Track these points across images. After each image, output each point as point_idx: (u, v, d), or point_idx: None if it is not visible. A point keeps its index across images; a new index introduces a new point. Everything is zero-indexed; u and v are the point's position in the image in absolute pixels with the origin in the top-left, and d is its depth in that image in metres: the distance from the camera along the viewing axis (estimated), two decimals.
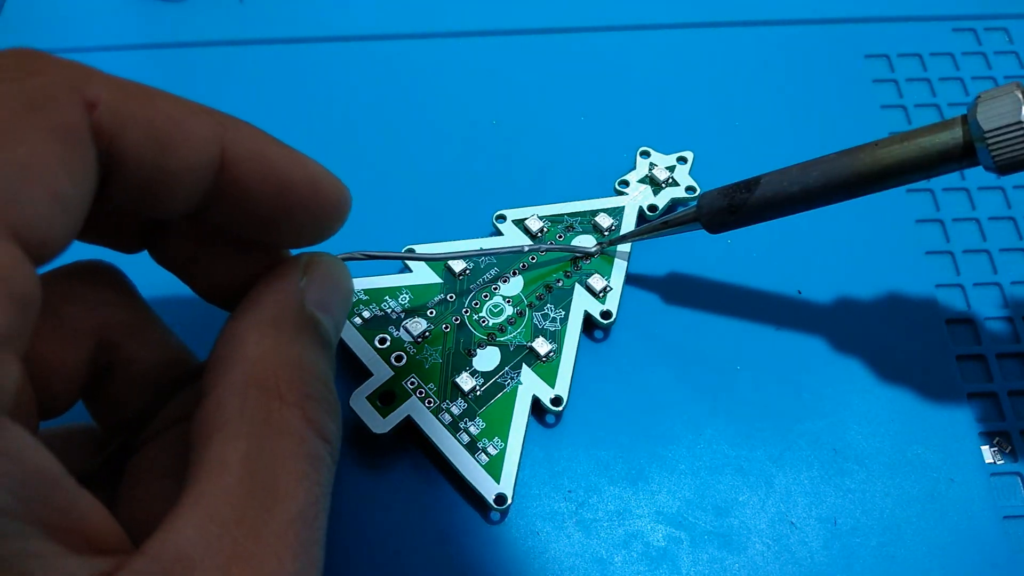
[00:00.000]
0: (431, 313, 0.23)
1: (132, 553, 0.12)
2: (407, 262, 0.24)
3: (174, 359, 0.16)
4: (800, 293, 0.25)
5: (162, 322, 0.17)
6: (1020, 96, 0.18)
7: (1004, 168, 0.18)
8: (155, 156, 0.13)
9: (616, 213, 0.25)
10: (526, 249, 0.24)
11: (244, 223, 0.15)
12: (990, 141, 0.18)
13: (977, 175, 0.27)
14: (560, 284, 0.24)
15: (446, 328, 0.23)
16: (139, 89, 0.13)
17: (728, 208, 0.21)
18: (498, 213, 0.25)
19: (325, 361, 0.15)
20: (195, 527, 0.12)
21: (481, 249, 0.23)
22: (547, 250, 0.24)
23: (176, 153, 0.13)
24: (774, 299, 0.25)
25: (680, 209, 0.23)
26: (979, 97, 0.18)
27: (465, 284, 0.24)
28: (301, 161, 0.15)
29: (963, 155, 0.18)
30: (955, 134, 0.18)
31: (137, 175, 0.13)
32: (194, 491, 0.12)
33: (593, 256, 0.24)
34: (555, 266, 0.24)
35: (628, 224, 0.25)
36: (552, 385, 0.22)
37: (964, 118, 0.19)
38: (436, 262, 0.24)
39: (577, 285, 0.24)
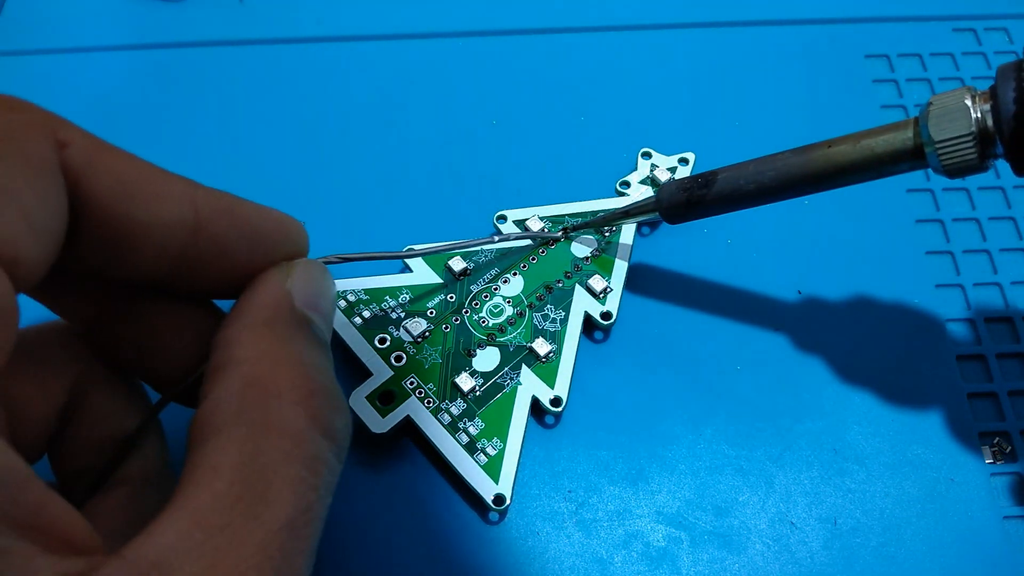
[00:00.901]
0: (431, 313, 0.23)
1: (108, 556, 0.11)
2: (407, 262, 0.24)
3: (138, 413, 0.16)
4: (800, 293, 0.25)
5: (136, 383, 0.17)
6: (970, 104, 0.17)
7: (952, 174, 0.18)
8: (125, 207, 0.13)
9: None
10: (496, 240, 0.24)
11: (217, 282, 0.15)
12: (940, 149, 0.18)
13: (977, 174, 0.27)
14: (560, 285, 0.24)
15: (446, 328, 0.23)
16: (113, 146, 0.14)
17: (686, 202, 0.22)
18: (499, 213, 0.25)
19: (325, 358, 0.15)
20: (177, 533, 0.12)
21: (448, 244, 0.23)
22: (515, 238, 0.24)
23: (147, 207, 0.13)
24: (774, 299, 0.25)
25: (639, 200, 0.23)
26: (931, 103, 0.18)
27: (466, 284, 0.24)
28: (267, 212, 0.16)
29: (913, 157, 0.19)
30: (906, 137, 0.18)
31: (106, 225, 0.13)
32: (182, 496, 0.12)
33: (559, 240, 0.25)
34: (556, 267, 0.24)
35: (628, 225, 0.25)
36: (552, 386, 0.22)
37: (916, 120, 0.18)
38: (432, 261, 0.24)
39: (577, 286, 0.24)
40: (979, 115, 0.17)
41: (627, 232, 0.25)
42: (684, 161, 0.27)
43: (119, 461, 0.15)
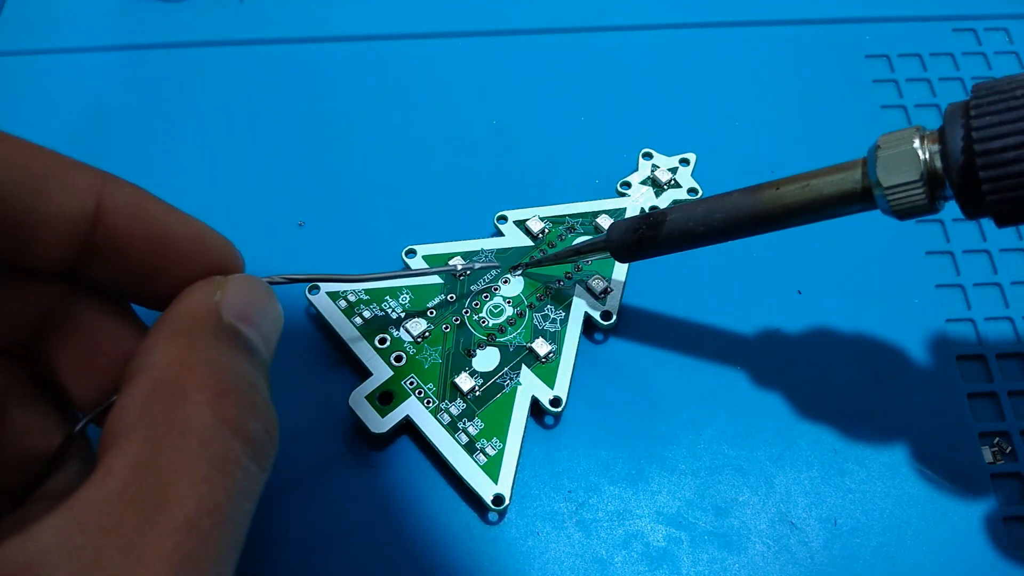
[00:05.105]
0: (431, 313, 0.23)
1: None
2: (408, 263, 0.24)
3: (64, 431, 0.16)
4: (800, 293, 0.25)
5: (64, 400, 0.16)
6: (918, 147, 0.17)
7: (902, 215, 0.18)
8: (29, 198, 0.13)
9: (618, 214, 0.25)
10: (440, 270, 0.23)
11: (120, 279, 0.15)
12: (888, 193, 0.17)
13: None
14: (560, 285, 0.24)
15: (446, 328, 0.23)
16: (21, 140, 0.13)
17: (636, 243, 0.21)
18: (500, 214, 0.25)
19: (251, 366, 0.14)
20: (56, 534, 0.11)
21: (392, 272, 0.22)
22: (460, 273, 0.23)
23: (51, 199, 0.13)
24: (774, 299, 0.25)
25: (590, 239, 0.23)
26: (879, 145, 0.17)
27: (466, 285, 0.24)
28: (183, 218, 0.15)
29: (862, 200, 0.18)
30: (855, 180, 0.18)
31: (9, 216, 0.13)
32: (71, 499, 0.12)
33: (507, 274, 0.24)
34: (556, 267, 0.24)
35: None
36: (551, 386, 0.22)
37: (864, 161, 0.18)
38: (432, 261, 0.24)
39: (578, 287, 0.24)
40: (927, 157, 0.17)
41: None
42: (685, 161, 0.27)
43: (43, 478, 0.15)
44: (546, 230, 0.25)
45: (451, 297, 0.24)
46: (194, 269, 0.15)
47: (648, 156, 0.27)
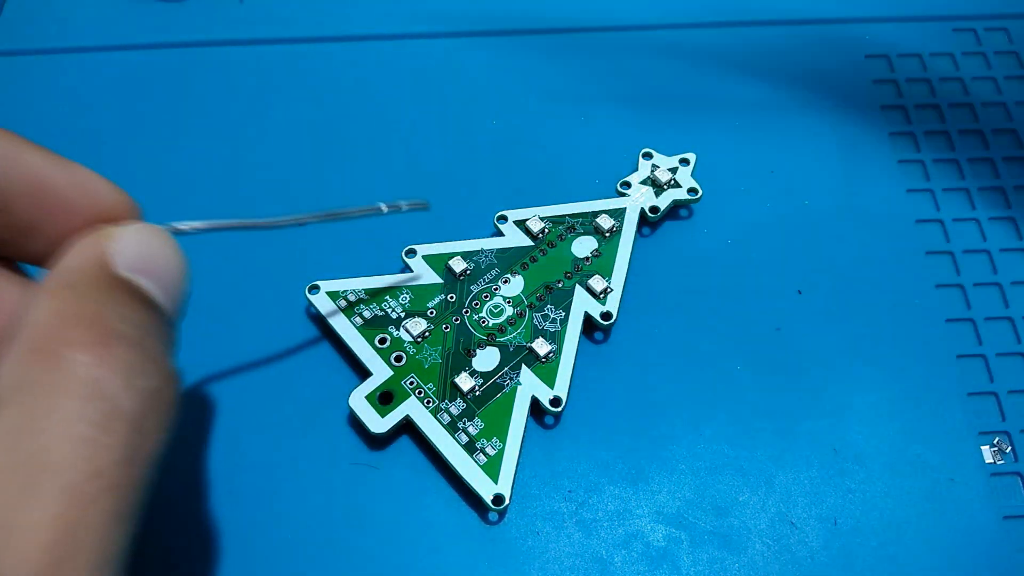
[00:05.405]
0: (431, 313, 0.23)
1: None
2: (408, 263, 0.24)
3: None
4: (800, 293, 0.25)
5: None
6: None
7: None
8: None
9: (618, 214, 0.25)
10: (364, 210, 0.22)
11: (1, 234, 0.14)
12: None
13: (978, 174, 0.27)
14: (560, 285, 0.24)
15: (446, 328, 0.23)
16: None
17: None
18: (500, 214, 0.25)
19: (145, 319, 0.13)
20: None
21: (308, 216, 0.21)
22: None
23: None
24: (774, 299, 0.25)
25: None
26: None
27: (466, 284, 0.24)
28: (66, 165, 0.14)
29: None
30: None
31: None
32: None
33: (383, 211, 0.22)
34: (556, 267, 0.24)
35: (629, 225, 0.25)
36: (551, 386, 0.22)
37: None
38: (432, 261, 0.24)
39: (578, 286, 0.24)
40: None
41: (628, 232, 0.25)
42: (685, 161, 0.27)
43: None
44: (546, 230, 0.25)
45: (451, 297, 0.24)
46: (82, 220, 0.14)
47: (648, 156, 0.27)
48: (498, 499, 0.21)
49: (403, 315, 0.23)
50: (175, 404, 0.13)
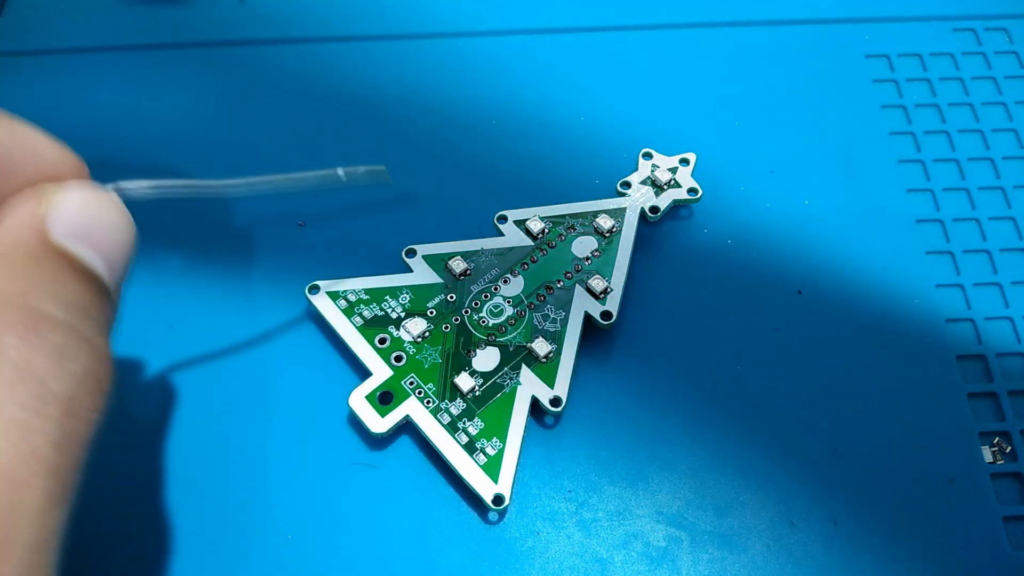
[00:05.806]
0: (431, 313, 0.23)
1: None
2: (408, 263, 0.24)
3: None
4: (800, 293, 0.25)
5: None
6: None
7: None
8: None
9: (618, 214, 0.25)
10: (318, 174, 0.21)
11: None
12: None
13: (978, 174, 0.27)
14: (560, 285, 0.24)
15: (446, 328, 0.23)
16: None
17: None
18: (500, 214, 0.25)
19: (82, 293, 0.12)
20: None
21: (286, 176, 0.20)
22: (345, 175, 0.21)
23: None
24: (774, 299, 0.25)
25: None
26: None
27: (466, 284, 0.24)
28: (3, 122, 0.13)
29: None
30: None
31: None
32: None
33: (341, 178, 0.22)
34: (556, 267, 0.24)
35: (629, 225, 0.25)
36: (551, 386, 0.22)
37: None
38: (433, 261, 0.24)
39: (578, 286, 0.24)
40: None
41: (628, 232, 0.25)
42: (685, 161, 0.27)
43: None
44: (546, 230, 0.25)
45: (451, 297, 0.24)
46: (23, 179, 0.13)
47: (648, 156, 0.27)
48: (498, 499, 0.21)
49: (403, 315, 0.23)
50: (110, 384, 0.13)
